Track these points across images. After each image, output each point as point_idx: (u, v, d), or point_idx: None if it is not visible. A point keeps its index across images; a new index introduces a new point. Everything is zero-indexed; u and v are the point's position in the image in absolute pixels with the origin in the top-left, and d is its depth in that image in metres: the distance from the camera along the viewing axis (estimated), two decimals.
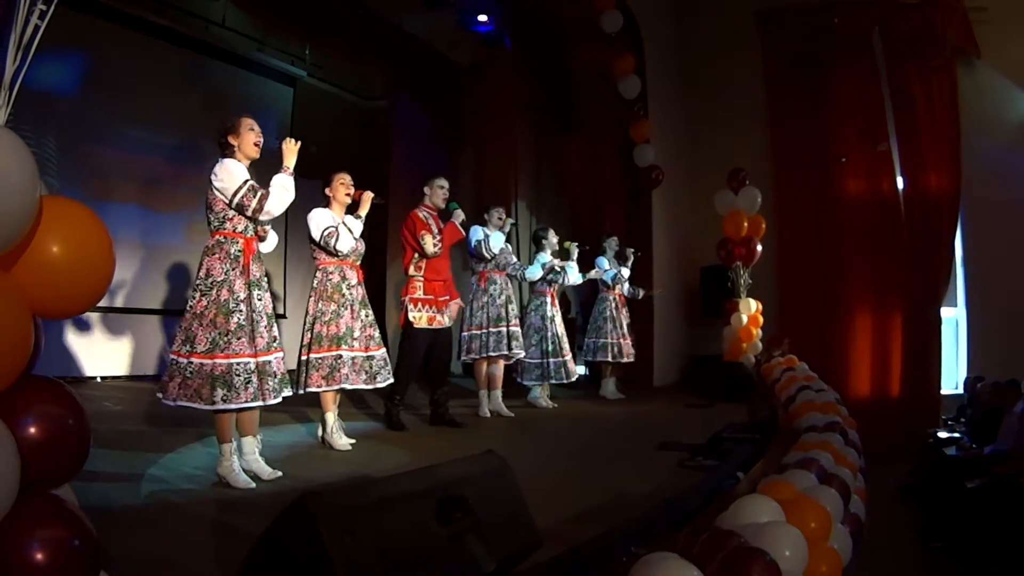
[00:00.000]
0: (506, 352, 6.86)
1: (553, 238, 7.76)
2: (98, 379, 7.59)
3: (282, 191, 4.05)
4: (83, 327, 7.53)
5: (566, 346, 7.68)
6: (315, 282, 5.21)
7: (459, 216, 6.14)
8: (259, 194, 3.98)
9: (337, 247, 5.06)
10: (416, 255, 5.97)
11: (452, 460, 2.37)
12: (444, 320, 6.06)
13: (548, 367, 7.51)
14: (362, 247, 5.33)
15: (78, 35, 7.44)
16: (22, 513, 1.68)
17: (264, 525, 1.91)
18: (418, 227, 5.91)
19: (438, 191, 6.12)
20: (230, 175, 3.99)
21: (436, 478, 2.16)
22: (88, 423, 1.84)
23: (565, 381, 7.64)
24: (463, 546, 2.06)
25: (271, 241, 4.43)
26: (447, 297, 6.13)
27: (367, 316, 5.27)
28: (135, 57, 8.03)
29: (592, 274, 8.32)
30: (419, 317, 5.92)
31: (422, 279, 5.98)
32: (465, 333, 6.91)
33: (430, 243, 5.87)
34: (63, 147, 7.45)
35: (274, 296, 4.78)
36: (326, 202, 5.26)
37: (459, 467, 2.31)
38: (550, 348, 7.53)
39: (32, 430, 1.72)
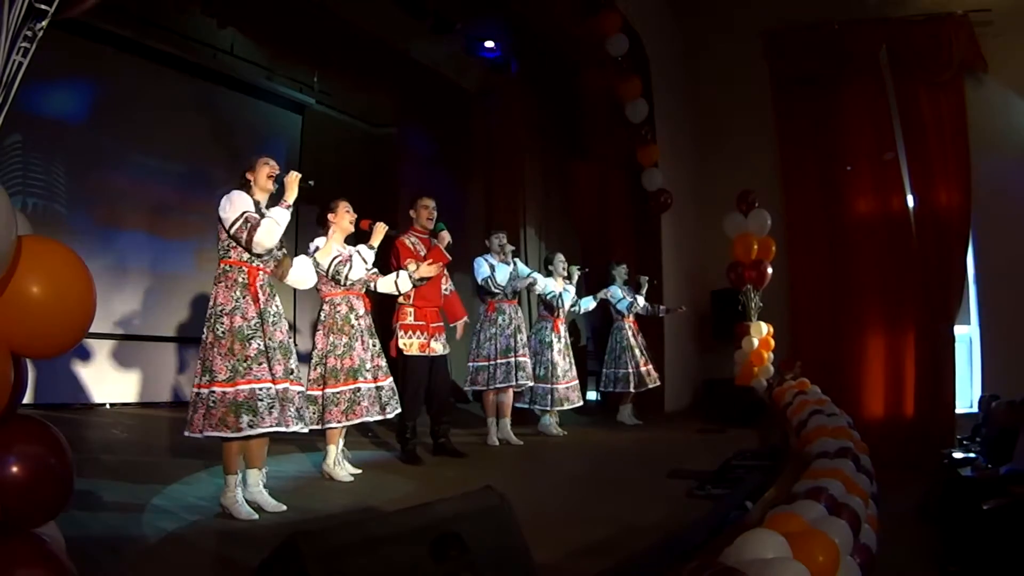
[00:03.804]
0: (513, 383, 6.84)
1: (560, 265, 7.69)
2: (107, 406, 7.59)
3: (272, 224, 4.03)
4: (93, 354, 7.54)
5: (565, 374, 7.58)
6: (322, 315, 5.15)
7: (444, 239, 5.95)
8: (249, 225, 3.98)
9: (349, 276, 5.03)
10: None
11: (448, 497, 2.33)
12: (437, 348, 5.95)
13: (535, 391, 7.42)
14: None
15: (87, 63, 7.53)
16: (2, 552, 1.65)
17: (263, 558, 1.88)
18: (403, 255, 5.76)
19: (423, 211, 5.97)
20: (232, 205, 4.03)
21: (430, 516, 2.12)
22: (71, 463, 1.82)
23: (550, 408, 7.51)
24: None
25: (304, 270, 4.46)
26: (440, 324, 6.04)
27: (375, 346, 5.24)
28: (144, 85, 8.10)
29: (600, 294, 8.39)
30: (410, 344, 5.81)
31: (412, 306, 5.87)
32: (472, 364, 6.89)
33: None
34: (73, 174, 7.51)
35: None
36: (326, 229, 5.19)
37: (454, 504, 2.27)
38: (541, 373, 7.43)
39: (13, 469, 1.70)
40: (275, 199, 4.22)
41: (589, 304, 8.27)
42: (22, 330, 1.73)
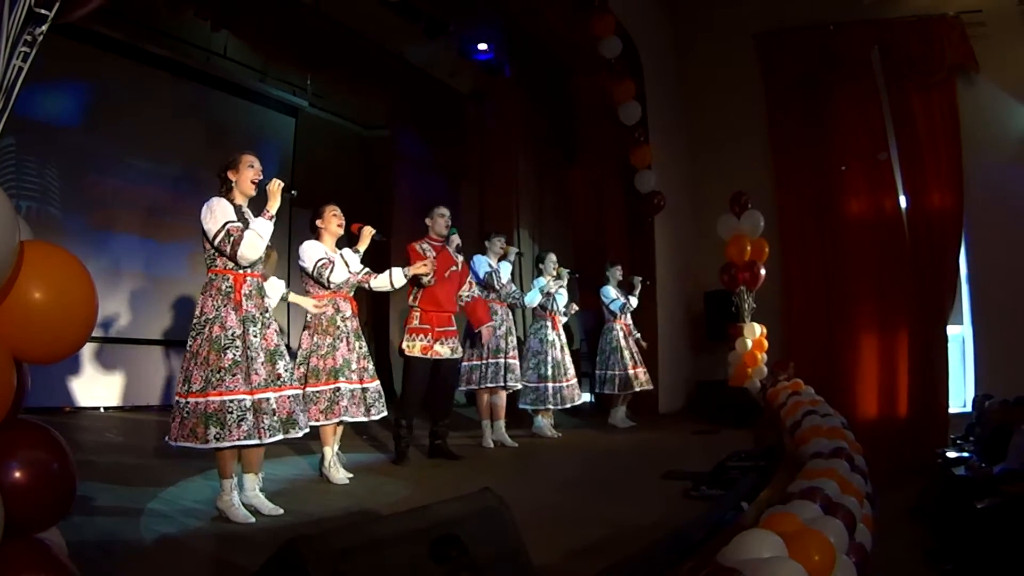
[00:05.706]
0: (502, 384, 6.86)
1: (551, 264, 7.73)
2: (101, 409, 7.56)
3: (254, 237, 3.99)
4: (86, 358, 7.51)
5: (567, 372, 7.61)
6: (308, 316, 5.21)
7: (454, 242, 6.12)
8: (232, 239, 3.95)
9: (331, 279, 5.06)
10: (415, 286, 5.95)
11: (447, 499, 2.33)
12: (443, 352, 5.99)
13: (545, 391, 7.45)
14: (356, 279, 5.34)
15: (81, 66, 7.51)
16: (5, 557, 1.66)
17: (261, 561, 1.89)
18: (412, 259, 5.87)
19: (439, 220, 6.11)
20: (213, 216, 4.00)
21: (430, 518, 2.13)
22: (73, 467, 1.83)
23: (562, 407, 7.58)
24: None
25: (274, 289, 4.35)
26: (449, 329, 6.08)
27: (361, 348, 5.28)
28: (137, 88, 8.09)
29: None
30: (411, 346, 5.89)
31: (419, 309, 5.96)
32: (466, 363, 6.88)
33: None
34: (66, 177, 7.49)
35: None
36: (316, 234, 5.26)
37: (454, 506, 2.28)
38: (548, 373, 7.47)
39: (16, 474, 1.71)
40: (256, 204, 4.20)
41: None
42: (24, 335, 1.73)
